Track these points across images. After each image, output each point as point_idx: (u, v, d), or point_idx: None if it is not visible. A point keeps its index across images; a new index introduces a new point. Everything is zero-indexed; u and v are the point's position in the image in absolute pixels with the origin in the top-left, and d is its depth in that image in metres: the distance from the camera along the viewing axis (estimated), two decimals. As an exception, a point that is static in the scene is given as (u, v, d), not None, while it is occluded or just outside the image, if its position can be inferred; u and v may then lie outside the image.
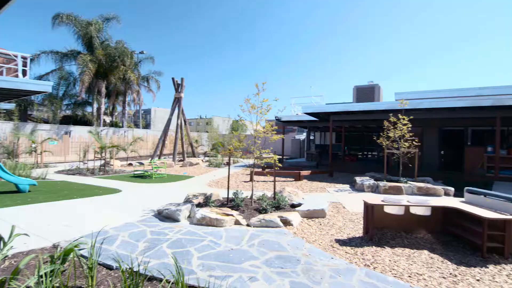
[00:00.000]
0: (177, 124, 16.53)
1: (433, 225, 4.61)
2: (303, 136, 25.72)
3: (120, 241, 4.05)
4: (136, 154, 19.94)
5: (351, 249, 3.94)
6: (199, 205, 5.83)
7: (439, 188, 7.63)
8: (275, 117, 17.68)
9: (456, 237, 4.35)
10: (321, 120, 16.21)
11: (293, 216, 5.05)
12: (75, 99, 23.93)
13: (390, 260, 3.57)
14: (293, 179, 10.50)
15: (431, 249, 3.99)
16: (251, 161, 6.50)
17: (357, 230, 4.75)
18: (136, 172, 11.70)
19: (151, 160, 12.39)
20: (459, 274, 3.26)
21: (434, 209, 4.45)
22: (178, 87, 16.59)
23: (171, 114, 16.59)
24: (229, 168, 6.41)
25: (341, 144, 18.14)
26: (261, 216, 5.00)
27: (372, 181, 8.46)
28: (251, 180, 6.24)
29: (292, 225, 4.88)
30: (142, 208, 6.02)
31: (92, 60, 21.05)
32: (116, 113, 27.05)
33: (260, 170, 10.86)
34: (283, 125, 19.19)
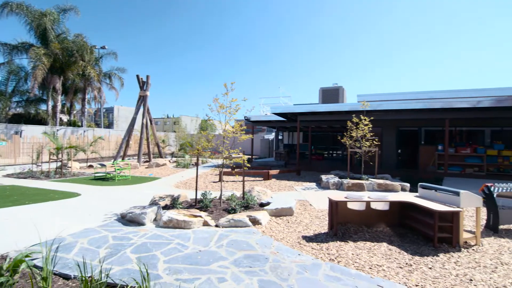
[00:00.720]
0: (142, 123, 15.88)
1: (392, 218, 4.94)
2: (272, 136, 26.10)
3: (79, 248, 3.80)
4: (97, 156, 18.78)
5: (317, 245, 4.08)
6: (166, 207, 5.66)
7: (397, 184, 8.18)
8: (244, 117, 17.72)
9: (411, 229, 4.70)
10: (289, 120, 16.57)
11: (262, 215, 5.11)
12: (27, 95, 21.94)
13: (353, 254, 3.76)
14: (262, 179, 10.61)
15: (390, 241, 4.27)
16: (220, 161, 6.46)
17: (323, 226, 4.94)
18: (97, 175, 11.03)
19: (113, 162, 11.78)
20: (414, 263, 3.52)
21: (392, 204, 4.76)
22: (143, 85, 15.94)
23: (136, 113, 15.89)
24: (197, 169, 6.31)
25: (308, 143, 18.69)
26: (230, 216, 4.99)
27: (336, 179, 8.83)
28: (220, 180, 6.20)
29: (261, 224, 4.93)
30: (103, 213, 5.69)
31: (47, 54, 19.45)
32: (74, 112, 25.28)
33: (229, 170, 10.82)
34: (252, 125, 19.30)
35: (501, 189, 4.86)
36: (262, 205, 5.98)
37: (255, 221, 4.94)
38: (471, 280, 3.12)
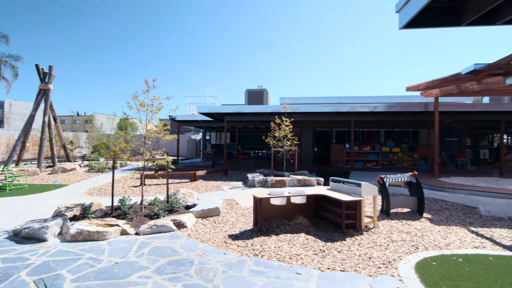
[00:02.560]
0: (44, 121, 13.51)
1: (309, 210, 5.45)
2: (199, 136, 25.59)
3: (-51, 279, 3.01)
4: (-22, 161, 15.14)
5: (243, 242, 4.20)
6: (74, 219, 4.97)
7: (313, 179, 9.06)
8: (169, 116, 16.91)
9: (325, 219, 5.27)
10: (217, 121, 16.55)
11: (187, 218, 4.98)
12: None
13: (275, 247, 4.01)
14: (189, 180, 10.32)
15: (307, 231, 4.70)
16: (141, 164, 6.01)
17: (248, 224, 5.11)
18: (-23, 185, 8.89)
19: (4, 168, 9.69)
20: (327, 249, 3.97)
21: (308, 197, 5.26)
22: (44, 76, 13.57)
23: (35, 109, 13.40)
24: (113, 172, 5.73)
25: (235, 143, 19.01)
26: (152, 222, 4.70)
27: (261, 177, 9.24)
28: (142, 184, 5.77)
29: (186, 227, 4.79)
30: (-13, 231, 4.64)
31: None
32: None
33: (152, 173, 10.16)
34: (178, 125, 18.56)
35: (391, 179, 5.89)
36: (188, 207, 5.82)
37: (180, 225, 4.77)
38: (370, 258, 3.69)
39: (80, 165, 14.59)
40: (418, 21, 3.53)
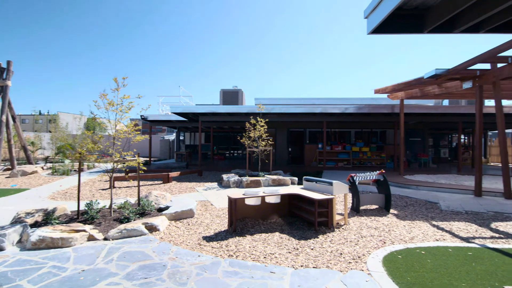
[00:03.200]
0: (1, 120, 12.46)
1: (283, 210, 5.53)
2: (173, 136, 24.99)
3: None
4: None
5: (217, 243, 4.17)
6: (36, 225, 4.65)
7: (287, 178, 9.21)
8: (141, 116, 16.34)
9: (299, 217, 5.38)
10: (191, 121, 16.27)
11: (160, 221, 4.84)
12: None
13: (250, 247, 4.02)
14: (162, 182, 10.04)
15: (281, 230, 4.77)
16: (110, 166, 5.76)
17: (223, 225, 5.08)
18: None
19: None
20: (300, 247, 4.05)
21: (283, 196, 5.34)
22: (2, 72, 12.55)
23: (-11, 108, 12.35)
24: (79, 175, 5.42)
25: (210, 144, 18.80)
26: (122, 226, 4.51)
27: (236, 177, 9.23)
28: (111, 187, 5.52)
29: (159, 230, 4.66)
30: None
31: None
32: None
33: (122, 175, 9.76)
34: (150, 125, 18.00)
35: (361, 178, 6.14)
36: (160, 210, 5.67)
37: (152, 228, 4.63)
38: (341, 254, 3.82)
39: (42, 167, 13.65)
40: (384, 27, 3.72)
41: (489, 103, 12.64)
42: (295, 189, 5.62)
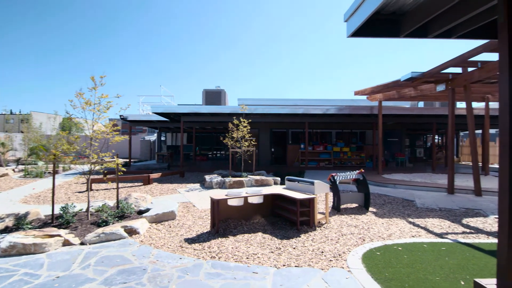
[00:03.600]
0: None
1: (266, 210, 5.55)
2: (154, 137, 24.45)
3: None
4: None
5: (200, 245, 4.13)
6: (6, 230, 4.40)
7: (270, 179, 9.26)
8: (120, 116, 15.88)
9: (281, 217, 5.42)
10: (172, 121, 16.00)
11: (140, 224, 4.72)
12: None
13: (232, 247, 4.01)
14: (142, 184, 9.79)
15: (264, 230, 4.79)
16: (87, 167, 5.56)
17: (206, 226, 5.03)
18: None
19: None
20: (282, 246, 4.08)
21: (265, 196, 5.36)
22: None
23: (-48, 107, 11.53)
24: (53, 177, 5.20)
25: (192, 144, 18.57)
26: (100, 230, 4.36)
27: (219, 178, 9.17)
28: (88, 189, 5.32)
29: (139, 233, 4.54)
30: None
31: None
32: None
33: (100, 177, 9.43)
34: (130, 125, 17.52)
35: (341, 177, 6.28)
36: (140, 212, 5.53)
37: (132, 231, 4.51)
38: (322, 252, 3.89)
39: (14, 170, 12.95)
40: (363, 31, 3.83)
41: (461, 105, 13.33)
42: (278, 189, 5.66)
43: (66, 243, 4.08)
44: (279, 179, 9.48)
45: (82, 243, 4.13)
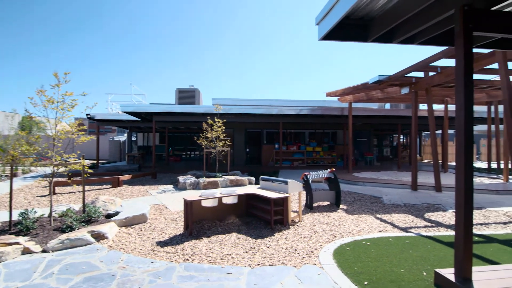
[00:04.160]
0: None
1: (240, 210, 5.55)
2: (124, 137, 23.46)
3: None
4: None
5: (172, 248, 4.03)
6: (-47, 240, 3.99)
7: (245, 179, 9.28)
8: (87, 115, 15.06)
9: (256, 217, 5.45)
10: (144, 120, 15.46)
11: (108, 228, 4.51)
12: None
13: (206, 249, 3.96)
14: (111, 186, 9.36)
15: (238, 230, 4.79)
16: (49, 170, 5.21)
17: (179, 228, 4.92)
18: None
19: None
20: (257, 246, 4.11)
21: (240, 196, 5.36)
22: None
23: None
24: (11, 180, 4.81)
25: (165, 145, 18.08)
26: (64, 236, 4.11)
27: (193, 179, 9.02)
28: (51, 193, 4.99)
29: (107, 238, 4.34)
30: None
31: None
32: None
33: (65, 179, 8.89)
34: (98, 125, 16.68)
35: (314, 176, 6.45)
36: (109, 216, 5.29)
37: (99, 236, 4.30)
38: (295, 250, 3.97)
39: (-38, 173, 11.77)
40: (334, 34, 3.96)
41: (423, 107, 14.26)
42: (252, 189, 5.69)
43: (26, 251, 3.80)
44: (254, 179, 9.52)
45: (44, 251, 3.87)
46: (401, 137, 22.64)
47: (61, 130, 5.28)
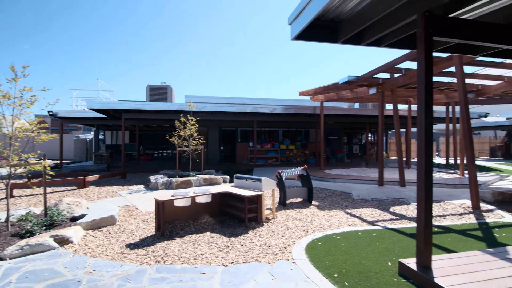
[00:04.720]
0: None
1: (214, 209, 5.51)
2: (90, 135, 22.24)
3: None
4: None
5: (143, 249, 3.91)
6: None
7: (219, 177, 9.22)
8: (49, 112, 14.11)
9: (230, 215, 5.44)
10: (112, 118, 14.78)
11: (73, 232, 4.27)
12: None
13: (179, 250, 3.89)
14: (76, 187, 8.85)
15: (212, 229, 4.75)
16: (5, 171, 4.82)
17: (150, 229, 4.78)
18: None
19: None
20: (231, 244, 4.11)
21: (214, 195, 5.32)
22: None
23: None
24: (-40, 184, 4.38)
25: (135, 143, 17.41)
26: (23, 241, 3.82)
27: (165, 179, 8.79)
28: (8, 196, 4.62)
29: (72, 242, 4.11)
30: None
31: None
32: None
33: (24, 181, 8.26)
34: (62, 122, 15.67)
35: (287, 173, 6.56)
36: (74, 219, 5.00)
37: (63, 241, 4.05)
38: (269, 246, 4.02)
39: None
40: (305, 35, 4.05)
41: (389, 107, 15.07)
42: (227, 187, 5.67)
43: (-22, 260, 3.48)
44: (228, 177, 9.49)
45: (0, 258, 3.57)
46: (369, 135, 23.72)
47: (19, 128, 4.89)
